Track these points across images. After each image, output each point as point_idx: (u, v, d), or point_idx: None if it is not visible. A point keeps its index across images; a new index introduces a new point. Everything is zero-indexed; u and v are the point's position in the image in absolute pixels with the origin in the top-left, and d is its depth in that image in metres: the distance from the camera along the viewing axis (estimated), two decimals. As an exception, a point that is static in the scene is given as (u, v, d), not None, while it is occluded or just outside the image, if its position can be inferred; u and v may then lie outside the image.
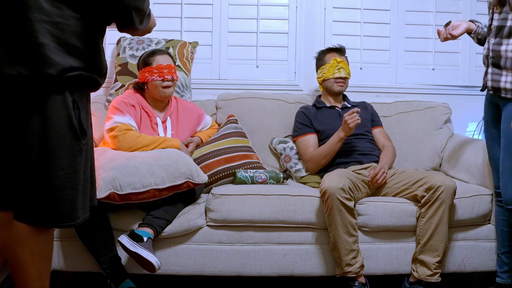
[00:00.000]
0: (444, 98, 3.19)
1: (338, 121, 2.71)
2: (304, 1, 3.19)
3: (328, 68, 2.79)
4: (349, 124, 2.50)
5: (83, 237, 2.18)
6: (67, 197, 1.54)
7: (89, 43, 1.56)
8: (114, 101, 2.53)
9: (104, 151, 2.34)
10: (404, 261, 2.37)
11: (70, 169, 1.54)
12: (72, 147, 1.54)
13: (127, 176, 2.13)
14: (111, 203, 2.14)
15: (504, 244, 2.30)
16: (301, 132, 2.77)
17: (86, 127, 1.58)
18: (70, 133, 1.53)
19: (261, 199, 2.34)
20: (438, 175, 2.38)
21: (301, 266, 2.36)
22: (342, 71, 2.77)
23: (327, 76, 2.79)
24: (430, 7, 3.25)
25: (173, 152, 2.32)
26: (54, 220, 1.55)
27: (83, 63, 1.53)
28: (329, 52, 2.85)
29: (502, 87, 2.13)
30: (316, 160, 2.65)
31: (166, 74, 2.54)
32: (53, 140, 1.50)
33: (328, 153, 2.62)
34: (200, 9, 3.17)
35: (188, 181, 2.23)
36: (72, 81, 1.51)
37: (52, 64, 1.46)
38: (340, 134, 2.58)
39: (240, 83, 3.17)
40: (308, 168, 2.71)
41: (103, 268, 2.17)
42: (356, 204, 2.35)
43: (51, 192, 1.51)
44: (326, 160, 2.64)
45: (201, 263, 2.33)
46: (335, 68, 2.77)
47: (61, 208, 1.54)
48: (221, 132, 2.78)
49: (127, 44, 2.95)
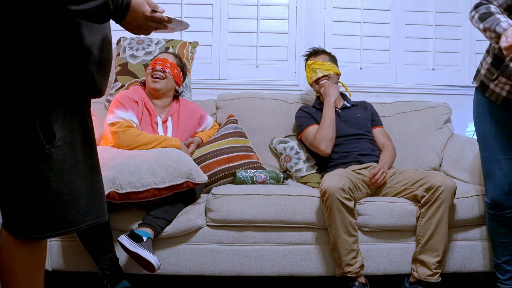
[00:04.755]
0: (444, 98, 3.19)
1: (338, 122, 2.72)
2: (304, 1, 3.19)
3: (307, 75, 2.86)
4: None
5: (82, 237, 2.18)
6: (33, 207, 1.42)
7: (41, 41, 1.39)
8: (118, 95, 2.53)
9: (104, 149, 2.34)
10: (404, 261, 2.37)
11: (33, 176, 1.40)
12: (33, 153, 1.40)
13: (127, 175, 2.13)
14: (111, 202, 2.14)
15: (505, 253, 2.26)
16: (306, 125, 2.77)
17: (55, 130, 1.42)
18: (29, 138, 1.40)
19: (261, 199, 2.34)
20: (438, 175, 2.38)
21: (301, 266, 2.36)
22: (318, 71, 2.79)
23: (309, 81, 2.86)
24: (430, 7, 3.25)
25: (173, 152, 2.32)
26: (25, 230, 1.43)
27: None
28: (305, 61, 2.91)
29: None
30: (325, 135, 2.65)
31: (157, 65, 2.57)
32: (8, 145, 1.40)
33: (330, 124, 2.66)
34: (200, 9, 3.17)
35: (188, 181, 2.23)
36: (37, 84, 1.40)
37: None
38: (330, 101, 2.70)
39: (240, 83, 3.17)
40: (322, 149, 2.64)
41: (100, 268, 2.17)
42: (356, 204, 2.35)
43: (17, 201, 1.42)
44: (332, 131, 2.66)
45: (201, 263, 2.33)
46: (311, 72, 2.82)
47: (29, 218, 1.42)
48: (221, 132, 2.78)
49: (127, 44, 2.95)
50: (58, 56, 1.41)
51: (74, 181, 1.46)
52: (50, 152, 1.41)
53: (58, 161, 1.43)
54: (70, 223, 1.47)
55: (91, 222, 1.53)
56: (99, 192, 1.56)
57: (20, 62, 1.37)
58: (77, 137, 1.48)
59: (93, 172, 1.54)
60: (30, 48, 1.37)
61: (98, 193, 1.55)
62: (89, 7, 1.36)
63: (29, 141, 1.40)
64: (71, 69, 1.43)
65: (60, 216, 1.45)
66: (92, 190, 1.53)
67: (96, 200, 1.54)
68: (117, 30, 3.17)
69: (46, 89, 1.41)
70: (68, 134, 1.45)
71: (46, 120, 1.41)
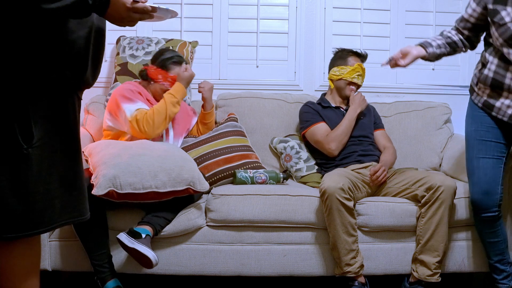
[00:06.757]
0: (444, 98, 3.19)
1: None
2: (304, 1, 3.19)
3: (349, 70, 2.76)
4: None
5: (79, 231, 2.18)
6: (9, 207, 1.41)
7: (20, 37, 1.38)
8: (118, 90, 2.51)
9: (109, 144, 2.32)
10: (404, 261, 2.37)
11: (10, 176, 1.39)
12: (10, 153, 1.39)
13: (128, 176, 2.12)
14: (109, 200, 2.14)
15: (496, 253, 2.28)
16: (313, 121, 2.75)
17: (34, 131, 1.41)
18: (7, 139, 1.39)
19: (261, 199, 2.34)
20: (438, 175, 2.38)
21: (301, 266, 2.35)
22: (360, 79, 2.77)
23: (346, 77, 2.76)
24: (430, 7, 3.25)
25: (179, 155, 2.30)
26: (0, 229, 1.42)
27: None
28: (354, 55, 2.83)
29: None
30: (339, 138, 2.64)
31: (169, 82, 2.60)
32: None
33: (348, 129, 2.66)
34: (200, 9, 3.17)
35: (189, 188, 2.21)
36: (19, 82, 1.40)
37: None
38: (357, 110, 2.70)
39: (240, 83, 3.17)
40: (330, 149, 2.64)
41: (93, 264, 2.17)
42: (356, 204, 2.35)
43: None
44: (348, 137, 2.66)
45: (201, 263, 2.33)
46: (355, 73, 2.76)
47: (4, 218, 1.41)
48: (220, 130, 2.77)
49: (126, 43, 2.95)
50: (40, 52, 1.40)
51: (51, 181, 1.45)
52: (28, 153, 1.40)
53: (36, 161, 1.42)
54: (45, 222, 1.46)
55: (67, 220, 1.52)
56: (79, 192, 1.54)
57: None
58: (58, 137, 1.47)
59: (72, 173, 1.52)
60: (8, 45, 1.36)
61: (78, 192, 1.54)
62: (65, 4, 1.34)
63: (7, 141, 1.39)
64: (53, 64, 1.42)
65: (36, 216, 1.44)
66: (70, 189, 1.51)
67: (75, 199, 1.53)
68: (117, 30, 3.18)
69: (26, 87, 1.40)
70: (47, 134, 1.44)
71: (25, 121, 1.40)
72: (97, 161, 2.18)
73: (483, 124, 2.22)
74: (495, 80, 2.14)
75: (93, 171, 2.17)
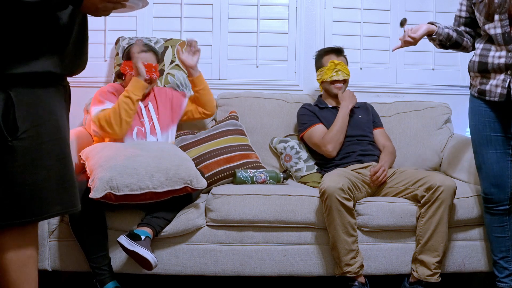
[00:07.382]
0: (444, 98, 3.19)
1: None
2: (304, 1, 3.19)
3: (325, 70, 2.77)
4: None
5: (78, 234, 2.18)
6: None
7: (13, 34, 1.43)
8: (95, 94, 2.57)
9: (105, 147, 2.33)
10: (404, 261, 2.37)
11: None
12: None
13: (125, 178, 2.12)
14: (107, 203, 2.14)
15: (501, 249, 2.28)
16: (310, 124, 2.75)
17: (19, 124, 1.45)
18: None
19: (261, 199, 2.34)
20: (438, 175, 2.38)
21: (301, 266, 2.35)
22: (340, 73, 2.76)
23: (325, 78, 2.78)
24: (430, 7, 3.25)
25: (176, 154, 2.31)
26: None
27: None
28: (326, 54, 2.83)
29: None
30: (335, 138, 2.64)
31: (152, 73, 2.57)
32: None
33: (343, 127, 2.66)
34: (200, 9, 3.17)
35: (187, 186, 2.21)
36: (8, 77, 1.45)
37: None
38: (349, 106, 2.70)
39: (240, 83, 3.17)
40: (328, 151, 2.64)
41: (92, 266, 2.17)
42: (356, 204, 2.35)
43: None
44: (343, 135, 2.66)
45: (201, 263, 2.33)
46: (332, 71, 2.76)
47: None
48: (220, 129, 2.77)
49: (125, 44, 2.95)
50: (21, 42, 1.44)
51: (37, 173, 1.49)
52: (12, 144, 1.45)
53: (21, 153, 1.46)
54: (33, 212, 1.51)
55: (59, 211, 1.56)
56: (69, 184, 1.57)
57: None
58: (45, 130, 1.50)
59: (61, 165, 1.56)
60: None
61: (68, 184, 1.57)
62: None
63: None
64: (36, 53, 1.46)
65: (23, 206, 1.49)
66: (60, 181, 1.55)
67: (65, 191, 1.56)
68: (116, 30, 3.18)
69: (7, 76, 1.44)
70: (34, 127, 1.48)
71: (10, 113, 1.44)
72: (94, 164, 2.19)
73: (481, 116, 2.23)
74: (481, 64, 2.17)
75: (90, 175, 2.17)
